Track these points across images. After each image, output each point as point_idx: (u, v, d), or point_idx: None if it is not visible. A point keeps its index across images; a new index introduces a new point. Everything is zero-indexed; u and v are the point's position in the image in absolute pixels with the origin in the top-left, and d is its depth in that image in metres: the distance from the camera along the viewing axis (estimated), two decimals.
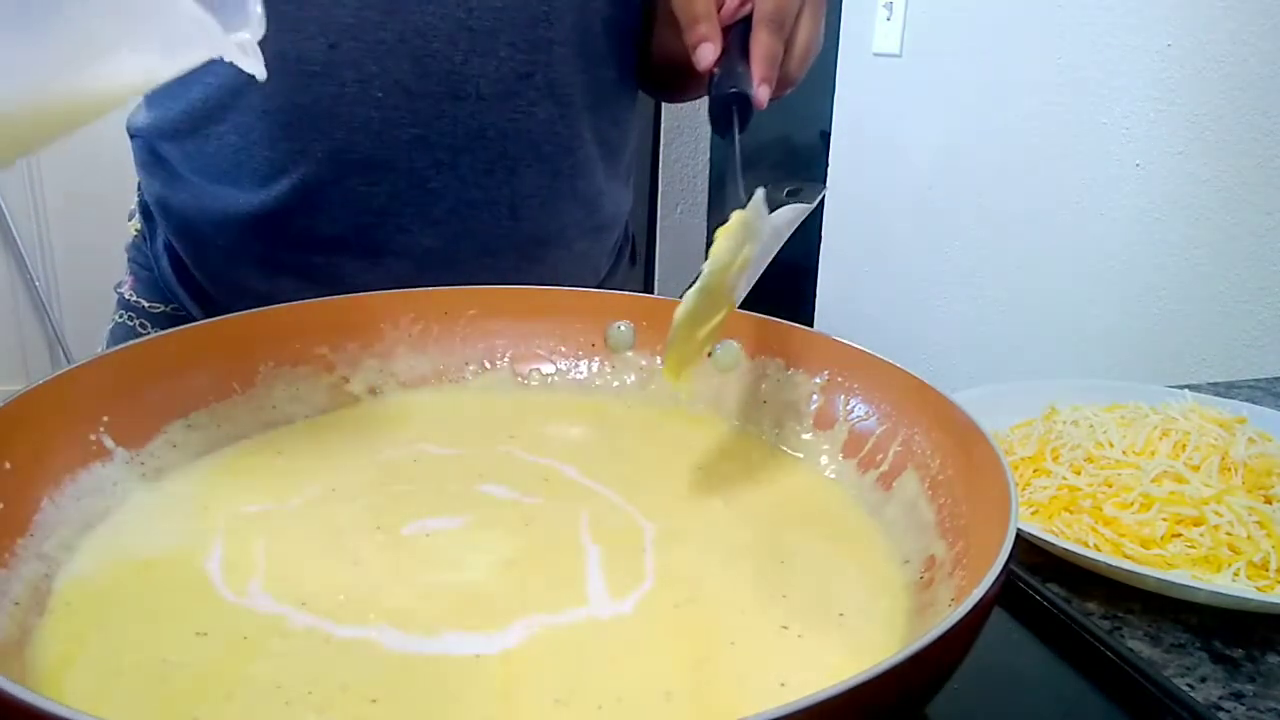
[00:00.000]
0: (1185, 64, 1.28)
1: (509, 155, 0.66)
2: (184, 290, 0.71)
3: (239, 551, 0.40)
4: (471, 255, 0.67)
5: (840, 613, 0.37)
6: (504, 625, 0.36)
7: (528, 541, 0.42)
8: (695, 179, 2.67)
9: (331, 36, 0.60)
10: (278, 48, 0.59)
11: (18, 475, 0.38)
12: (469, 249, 0.67)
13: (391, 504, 0.44)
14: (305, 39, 0.60)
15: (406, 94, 0.62)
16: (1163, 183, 1.33)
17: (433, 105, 0.63)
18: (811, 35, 0.57)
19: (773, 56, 0.54)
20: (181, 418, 0.47)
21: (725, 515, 0.45)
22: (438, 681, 0.33)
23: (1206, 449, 0.55)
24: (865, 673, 0.24)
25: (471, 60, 0.63)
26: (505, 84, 0.64)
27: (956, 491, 0.40)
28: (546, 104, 0.66)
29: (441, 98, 0.63)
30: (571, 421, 0.54)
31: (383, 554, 0.41)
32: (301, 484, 0.46)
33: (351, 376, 0.54)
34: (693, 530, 0.43)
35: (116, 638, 0.34)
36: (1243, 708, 0.42)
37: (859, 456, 0.48)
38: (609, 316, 0.57)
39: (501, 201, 0.67)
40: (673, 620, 0.37)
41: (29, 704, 0.24)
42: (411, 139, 0.63)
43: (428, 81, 0.62)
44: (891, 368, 0.48)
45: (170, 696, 0.32)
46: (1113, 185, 1.39)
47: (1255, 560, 0.49)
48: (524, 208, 0.68)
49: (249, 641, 0.34)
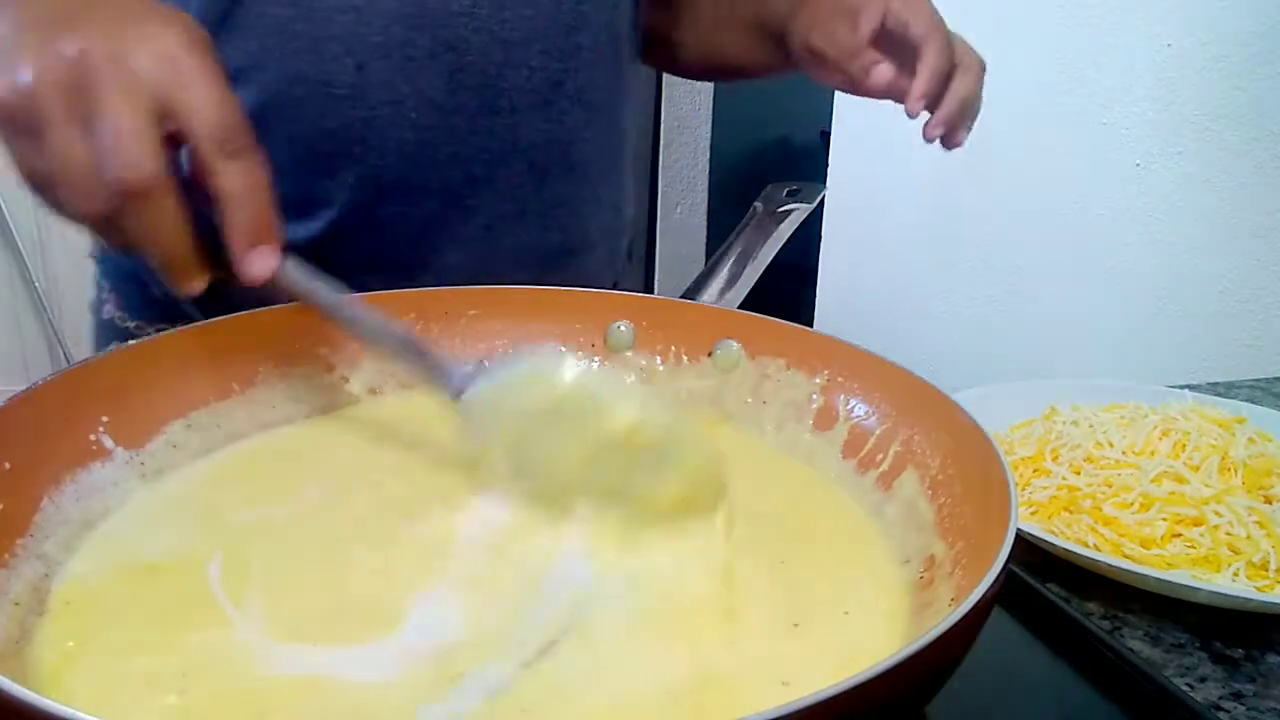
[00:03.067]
0: (1185, 64, 1.28)
1: (540, 166, 0.64)
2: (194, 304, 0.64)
3: (238, 553, 0.40)
4: (501, 268, 0.65)
5: (841, 612, 0.37)
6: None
7: (528, 541, 0.42)
8: (695, 179, 2.67)
9: (359, 56, 0.58)
10: (297, 70, 0.58)
11: (18, 475, 0.38)
12: (498, 262, 0.66)
13: (391, 505, 0.44)
14: (329, 60, 0.57)
15: (440, 112, 0.60)
16: (1163, 183, 1.33)
17: (467, 121, 0.61)
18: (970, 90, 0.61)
19: (939, 74, 0.60)
20: (181, 418, 0.47)
21: (724, 515, 0.45)
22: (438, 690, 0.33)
23: (1206, 449, 0.55)
24: (865, 673, 0.25)
25: (505, 72, 0.61)
26: (539, 94, 0.62)
27: (956, 491, 0.40)
28: (576, 110, 0.65)
29: (476, 113, 0.61)
30: None
31: (381, 556, 0.40)
32: (301, 485, 0.46)
33: (351, 376, 0.54)
34: (692, 530, 0.43)
35: (116, 638, 0.34)
36: (1243, 708, 0.42)
37: (859, 456, 0.48)
38: (609, 316, 0.57)
39: (532, 213, 0.65)
40: (672, 620, 0.37)
41: (29, 704, 0.24)
42: (447, 158, 0.61)
43: (462, 96, 0.60)
44: (891, 368, 0.48)
45: (169, 697, 0.32)
46: (1113, 185, 1.39)
47: (1255, 560, 0.49)
48: (553, 217, 0.66)
49: (248, 643, 0.34)
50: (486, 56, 0.60)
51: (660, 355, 0.56)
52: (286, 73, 0.58)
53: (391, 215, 0.62)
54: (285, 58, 0.57)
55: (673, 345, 0.56)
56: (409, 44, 0.58)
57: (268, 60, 0.57)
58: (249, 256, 0.42)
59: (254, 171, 0.42)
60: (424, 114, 0.59)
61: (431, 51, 0.59)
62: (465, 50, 0.59)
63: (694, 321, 0.56)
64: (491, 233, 0.64)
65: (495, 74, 0.61)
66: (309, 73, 0.58)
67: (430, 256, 0.63)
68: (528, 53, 0.61)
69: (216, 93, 0.41)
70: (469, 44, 0.59)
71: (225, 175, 0.41)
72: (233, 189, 0.41)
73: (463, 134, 0.61)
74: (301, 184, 0.60)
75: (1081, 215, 1.45)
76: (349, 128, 0.59)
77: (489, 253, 0.65)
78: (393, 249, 0.63)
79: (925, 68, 0.60)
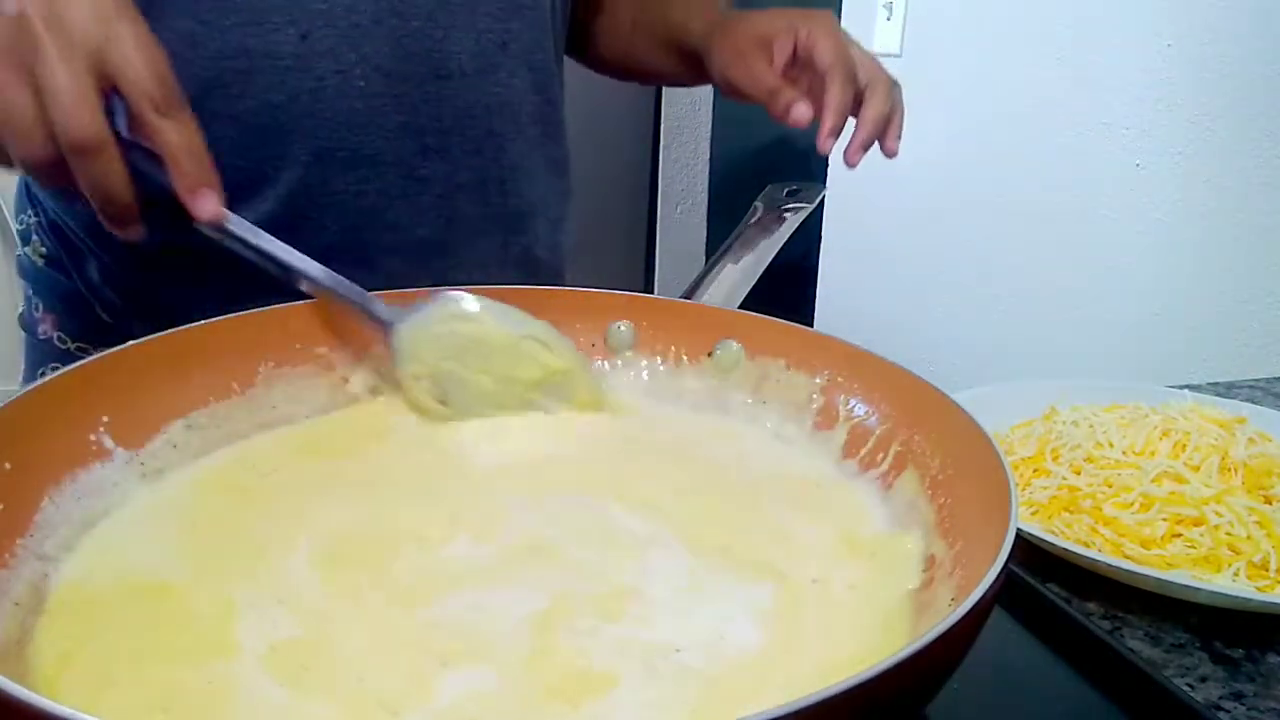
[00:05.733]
0: (1185, 64, 1.28)
1: (495, 131, 0.64)
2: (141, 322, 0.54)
3: (238, 554, 0.40)
4: (462, 238, 0.65)
5: (840, 612, 0.37)
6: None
7: (527, 541, 0.42)
8: (695, 179, 2.67)
9: (302, 25, 0.57)
10: (240, 43, 0.57)
11: (18, 475, 0.38)
12: (459, 233, 0.65)
13: (390, 506, 0.44)
14: (272, 30, 0.57)
15: (388, 79, 0.59)
16: (1163, 183, 1.33)
17: (416, 88, 0.60)
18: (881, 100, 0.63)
19: (844, 106, 0.62)
20: (181, 418, 0.47)
21: (724, 514, 0.45)
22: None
23: (1206, 449, 0.55)
24: (865, 672, 0.25)
25: (452, 35, 0.61)
26: (486, 56, 0.62)
27: (956, 491, 0.40)
28: (522, 72, 0.65)
29: (425, 79, 0.60)
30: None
31: (379, 558, 0.40)
32: (300, 486, 0.46)
33: (351, 376, 0.54)
34: (691, 530, 0.43)
35: (116, 638, 0.34)
36: (1243, 708, 0.42)
37: (859, 456, 0.48)
38: (609, 316, 0.57)
39: (491, 179, 0.65)
40: (671, 620, 0.37)
41: (29, 704, 0.24)
42: (397, 127, 0.60)
43: (410, 63, 0.60)
44: (891, 368, 0.48)
45: (169, 697, 0.32)
46: (1113, 185, 1.39)
47: (1255, 560, 0.49)
48: (511, 182, 0.66)
49: (246, 645, 0.34)
50: (432, 20, 0.60)
51: (660, 355, 0.56)
52: (230, 46, 0.57)
53: (346, 190, 0.61)
54: (227, 30, 0.57)
55: (673, 345, 0.56)
56: (353, 9, 0.58)
57: (210, 35, 0.57)
58: (195, 199, 0.45)
59: (189, 128, 0.44)
60: (372, 82, 0.59)
61: (376, 16, 0.58)
62: (410, 15, 0.59)
63: (694, 321, 0.56)
64: (448, 202, 0.64)
65: (442, 37, 0.60)
66: (252, 45, 0.57)
67: (388, 234, 0.63)
68: (473, 14, 0.61)
69: (148, 53, 0.43)
70: (414, 7, 0.59)
71: (163, 132, 0.43)
72: (171, 145, 0.44)
73: (412, 102, 0.60)
74: (251, 160, 0.59)
75: (1082, 215, 1.45)
76: (296, 99, 0.58)
77: (449, 224, 0.64)
78: (349, 226, 0.62)
79: (831, 102, 0.62)
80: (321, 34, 0.57)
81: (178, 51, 0.55)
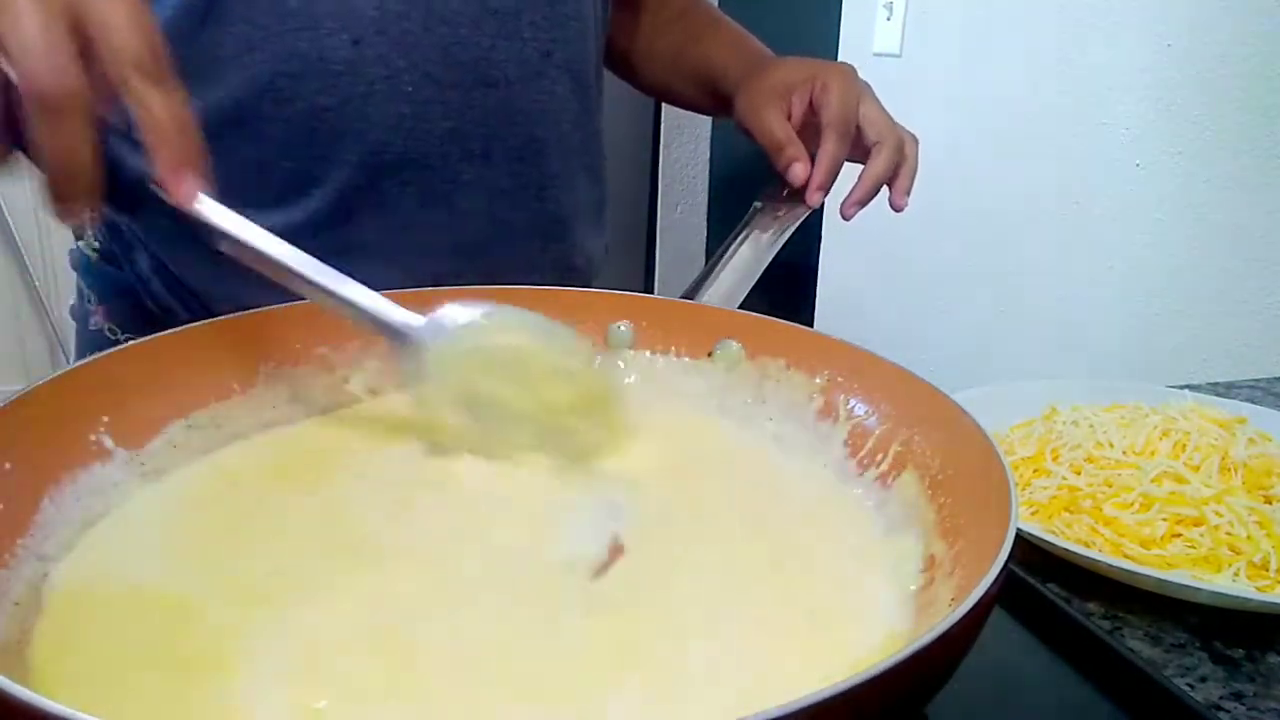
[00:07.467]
0: (1185, 64, 1.28)
1: (536, 139, 0.65)
2: (189, 315, 0.63)
3: (238, 555, 0.40)
4: (501, 243, 0.66)
5: (840, 612, 0.37)
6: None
7: (527, 540, 0.42)
8: (695, 179, 2.67)
9: (354, 32, 0.58)
10: (293, 48, 0.58)
11: (18, 475, 0.38)
12: (499, 237, 0.66)
13: (390, 506, 0.44)
14: (325, 36, 0.58)
15: (437, 86, 0.61)
16: (1163, 183, 1.33)
17: (463, 95, 0.62)
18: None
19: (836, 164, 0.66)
20: (181, 418, 0.47)
21: (724, 514, 0.45)
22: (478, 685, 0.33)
23: (1206, 449, 0.55)
24: (865, 672, 0.24)
25: (498, 44, 0.62)
26: (531, 65, 0.64)
27: (956, 491, 0.40)
28: (565, 81, 0.66)
29: (472, 86, 0.62)
30: None
31: (378, 557, 0.40)
32: (300, 486, 0.46)
33: (351, 376, 0.54)
34: (691, 530, 0.43)
35: (116, 638, 0.34)
36: (1243, 708, 0.42)
37: (859, 456, 0.48)
38: (609, 316, 0.57)
39: (530, 186, 0.66)
40: (671, 621, 0.37)
41: (29, 704, 0.24)
42: (444, 132, 0.62)
43: (457, 71, 0.61)
44: (891, 367, 0.48)
45: (169, 697, 0.32)
46: (1113, 185, 1.39)
47: (1255, 560, 0.49)
48: (549, 189, 0.67)
49: (246, 646, 0.34)
50: (479, 29, 0.61)
51: (660, 355, 0.56)
52: (284, 51, 0.58)
53: (390, 192, 0.62)
54: (283, 36, 0.58)
55: (673, 345, 0.56)
56: (404, 17, 0.59)
57: (265, 40, 0.58)
58: (176, 179, 0.41)
59: (176, 98, 0.40)
60: (420, 88, 0.60)
61: (425, 24, 0.60)
62: (458, 23, 0.60)
63: (694, 321, 0.57)
64: (488, 208, 0.65)
65: (489, 46, 0.62)
66: (306, 50, 0.58)
67: (428, 236, 0.64)
68: (519, 24, 0.63)
69: (134, 11, 0.39)
70: (460, 16, 0.60)
71: (147, 100, 0.39)
72: (154, 115, 0.39)
73: (459, 108, 0.62)
74: (301, 163, 0.60)
75: (1082, 215, 1.45)
76: (347, 104, 0.59)
77: (487, 229, 0.66)
78: (392, 227, 0.63)
79: (821, 159, 0.67)
80: (373, 41, 0.59)
81: (233, 55, 0.58)
